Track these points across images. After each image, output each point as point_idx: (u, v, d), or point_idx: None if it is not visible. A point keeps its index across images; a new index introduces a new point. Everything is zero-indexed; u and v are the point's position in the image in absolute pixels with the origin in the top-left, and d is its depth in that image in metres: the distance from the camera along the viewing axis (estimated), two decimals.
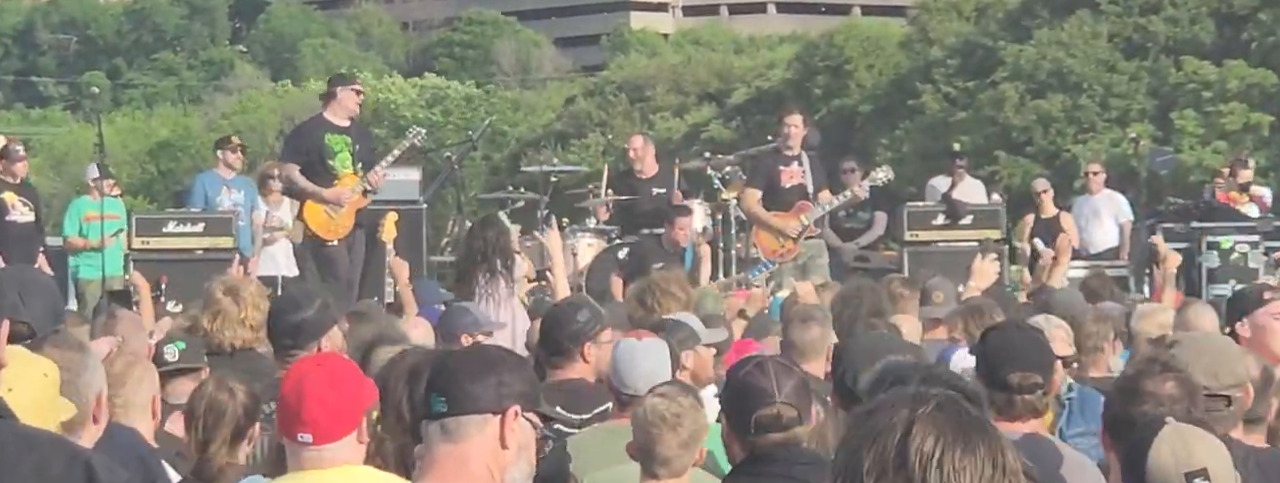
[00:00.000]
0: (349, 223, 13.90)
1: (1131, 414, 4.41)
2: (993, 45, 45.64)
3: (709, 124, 51.20)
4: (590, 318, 6.91)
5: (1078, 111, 43.57)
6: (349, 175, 13.92)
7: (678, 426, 5.14)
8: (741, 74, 56.09)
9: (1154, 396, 4.46)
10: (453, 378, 3.79)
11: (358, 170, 13.94)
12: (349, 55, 78.35)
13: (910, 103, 46.15)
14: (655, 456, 5.15)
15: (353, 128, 14.18)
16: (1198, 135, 41.41)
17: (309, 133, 14.20)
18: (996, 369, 5.15)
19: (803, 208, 14.88)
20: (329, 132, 13.96)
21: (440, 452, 3.76)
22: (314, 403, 4.05)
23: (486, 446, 3.77)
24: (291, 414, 4.18)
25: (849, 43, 49.35)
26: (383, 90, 62.57)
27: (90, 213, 16.15)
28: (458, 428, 3.75)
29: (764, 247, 14.93)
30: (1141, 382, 4.49)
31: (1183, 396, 4.49)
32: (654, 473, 5.21)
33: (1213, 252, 15.87)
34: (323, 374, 4.13)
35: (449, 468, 3.75)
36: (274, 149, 55.31)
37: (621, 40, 79.60)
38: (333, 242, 13.89)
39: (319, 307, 6.70)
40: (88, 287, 15.88)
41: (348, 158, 13.97)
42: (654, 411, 5.19)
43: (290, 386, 4.21)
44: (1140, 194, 18.23)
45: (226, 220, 15.08)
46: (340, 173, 13.89)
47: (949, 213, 15.85)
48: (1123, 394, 4.49)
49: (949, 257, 15.37)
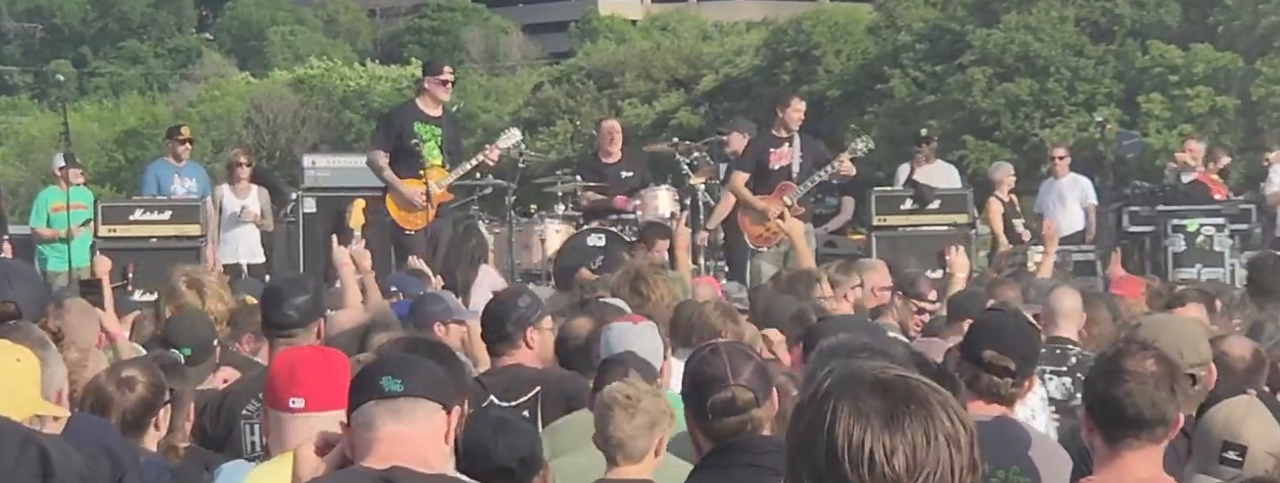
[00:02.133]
0: (431, 216, 13.93)
1: (1116, 395, 4.42)
2: (960, 30, 45.71)
3: (677, 111, 51.18)
4: (531, 303, 7.00)
5: (1045, 96, 43.68)
6: (435, 167, 13.97)
7: (634, 409, 5.14)
8: (710, 60, 56.07)
9: (1135, 374, 4.46)
10: (409, 363, 3.72)
11: (444, 162, 14.00)
12: (317, 43, 78.11)
13: (878, 88, 46.21)
14: (611, 439, 5.15)
15: (443, 118, 14.23)
16: (1164, 119, 41.55)
17: (399, 120, 14.30)
18: (975, 344, 5.22)
19: (785, 189, 14.85)
20: (419, 121, 14.04)
21: (387, 432, 3.67)
22: (307, 372, 4.04)
23: (434, 434, 3.71)
24: (283, 383, 4.17)
25: (817, 28, 49.38)
26: (355, 78, 62.42)
27: (57, 204, 16.09)
28: (410, 410, 3.68)
29: (748, 232, 14.91)
30: (1122, 361, 4.49)
31: (1164, 373, 4.48)
32: (612, 458, 5.22)
33: (1179, 235, 15.93)
34: (316, 353, 4.12)
35: (396, 449, 3.67)
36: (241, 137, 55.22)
37: (590, 27, 79.51)
38: (410, 232, 13.94)
39: (313, 292, 6.69)
40: (55, 278, 15.82)
41: (436, 148, 14.03)
42: (611, 394, 5.21)
43: (281, 361, 4.22)
44: (1107, 178, 18.28)
45: (194, 208, 15.05)
46: (428, 163, 13.93)
47: (916, 198, 15.86)
48: (1104, 375, 4.49)
49: (917, 242, 15.40)
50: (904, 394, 2.66)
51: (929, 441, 2.62)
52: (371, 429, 3.68)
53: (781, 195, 14.83)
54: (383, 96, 59.35)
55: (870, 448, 2.61)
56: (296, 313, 6.54)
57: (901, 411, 2.64)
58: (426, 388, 3.72)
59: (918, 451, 2.62)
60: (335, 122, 57.55)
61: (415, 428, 3.69)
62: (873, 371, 2.70)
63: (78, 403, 5.73)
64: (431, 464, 3.68)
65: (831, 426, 2.63)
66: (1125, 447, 4.40)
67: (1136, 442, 4.40)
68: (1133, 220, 16.35)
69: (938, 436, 2.63)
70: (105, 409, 5.64)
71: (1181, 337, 5.33)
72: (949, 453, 2.63)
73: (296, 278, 7.28)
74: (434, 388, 3.73)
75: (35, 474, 3.59)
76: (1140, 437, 4.40)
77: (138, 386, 5.71)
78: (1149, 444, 4.41)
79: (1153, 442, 4.41)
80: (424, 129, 13.99)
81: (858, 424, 2.62)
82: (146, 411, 5.71)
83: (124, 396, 5.67)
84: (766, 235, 14.84)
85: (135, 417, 5.69)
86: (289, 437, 4.21)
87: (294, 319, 6.52)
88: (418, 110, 14.15)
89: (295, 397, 4.15)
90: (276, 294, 6.70)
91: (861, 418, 2.63)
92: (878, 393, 2.66)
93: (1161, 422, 4.41)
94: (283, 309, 6.57)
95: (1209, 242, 15.77)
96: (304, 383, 4.09)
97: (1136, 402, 4.40)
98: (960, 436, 2.65)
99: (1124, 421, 4.40)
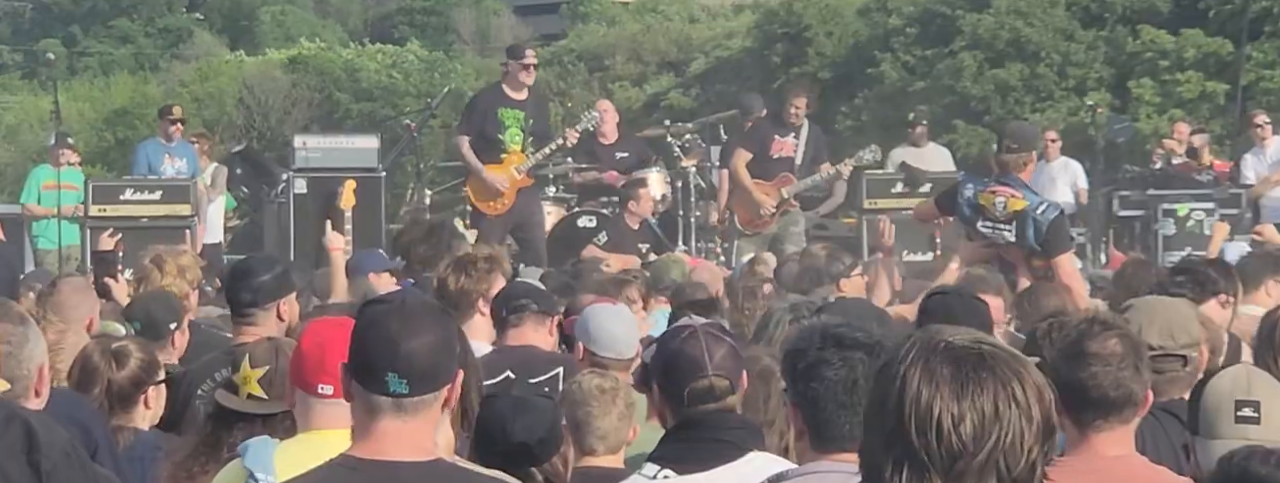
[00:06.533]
0: (510, 199, 14.03)
1: (1081, 378, 4.41)
2: (951, 14, 45.67)
3: (668, 93, 51.12)
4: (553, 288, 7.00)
5: (1036, 80, 43.67)
6: (516, 152, 14.06)
7: (614, 399, 5.16)
8: (701, 43, 55.98)
9: (1099, 356, 4.45)
10: (413, 359, 3.62)
11: (527, 146, 14.08)
12: (308, 23, 77.93)
13: (869, 71, 46.17)
14: (593, 430, 5.16)
15: (529, 101, 14.34)
16: (1155, 104, 41.56)
17: (483, 106, 14.40)
18: None
19: (784, 181, 14.94)
20: (502, 106, 14.14)
21: (389, 425, 3.64)
22: (337, 357, 3.91)
23: (433, 416, 3.69)
24: (314, 365, 4.13)
25: (808, 11, 49.28)
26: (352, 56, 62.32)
27: (48, 182, 16.09)
28: (414, 407, 3.65)
29: (740, 216, 14.98)
30: (1085, 344, 4.48)
31: (1128, 352, 4.47)
32: (592, 448, 5.23)
33: (1169, 219, 15.95)
34: (344, 333, 4.03)
35: (395, 441, 3.65)
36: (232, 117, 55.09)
37: (581, 9, 79.35)
38: (491, 216, 14.07)
39: (278, 273, 6.68)
40: (46, 257, 15.83)
41: (518, 134, 14.14)
42: (589, 386, 5.21)
43: (311, 339, 4.17)
44: (1097, 162, 18.30)
45: (184, 188, 15.05)
46: (509, 148, 14.03)
47: (907, 181, 15.89)
48: (1068, 359, 4.47)
49: (908, 225, 15.41)
50: (976, 362, 2.62)
51: (999, 409, 2.59)
52: (372, 417, 3.66)
53: (780, 187, 14.91)
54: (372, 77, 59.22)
55: (939, 415, 2.59)
56: (250, 294, 6.47)
57: (972, 378, 2.60)
58: (431, 385, 3.66)
59: (986, 419, 2.58)
60: (326, 102, 57.43)
61: (419, 419, 3.66)
62: (949, 336, 2.66)
63: (68, 376, 5.74)
64: (428, 450, 3.68)
65: (902, 391, 2.61)
66: (1093, 429, 4.41)
67: (1104, 424, 4.41)
68: (1123, 204, 16.38)
69: (1010, 404, 2.59)
70: (89, 381, 5.63)
71: (1172, 318, 5.34)
72: (1020, 423, 2.59)
73: (263, 258, 7.26)
74: (438, 378, 3.67)
75: (20, 450, 3.58)
76: (1108, 418, 4.40)
77: (129, 361, 5.70)
78: (1118, 425, 4.42)
79: (1122, 422, 4.42)
80: (507, 114, 14.18)
81: (927, 390, 2.60)
82: (137, 387, 5.70)
83: (114, 370, 5.66)
84: (758, 221, 14.90)
85: (124, 393, 5.68)
86: (315, 420, 4.20)
87: (247, 300, 6.46)
88: (503, 94, 14.31)
89: (324, 384, 4.12)
90: (239, 274, 6.67)
91: (931, 384, 2.60)
92: (950, 360, 2.62)
93: (1129, 402, 4.42)
94: (239, 290, 6.54)
95: (1199, 226, 15.79)
96: (334, 370, 4.03)
97: (1101, 383, 4.40)
98: (1033, 406, 2.61)
99: (1090, 403, 4.40)
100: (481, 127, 14.20)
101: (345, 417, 3.85)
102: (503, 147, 14.11)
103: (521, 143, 14.23)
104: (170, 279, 7.81)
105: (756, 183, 14.93)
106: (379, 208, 15.67)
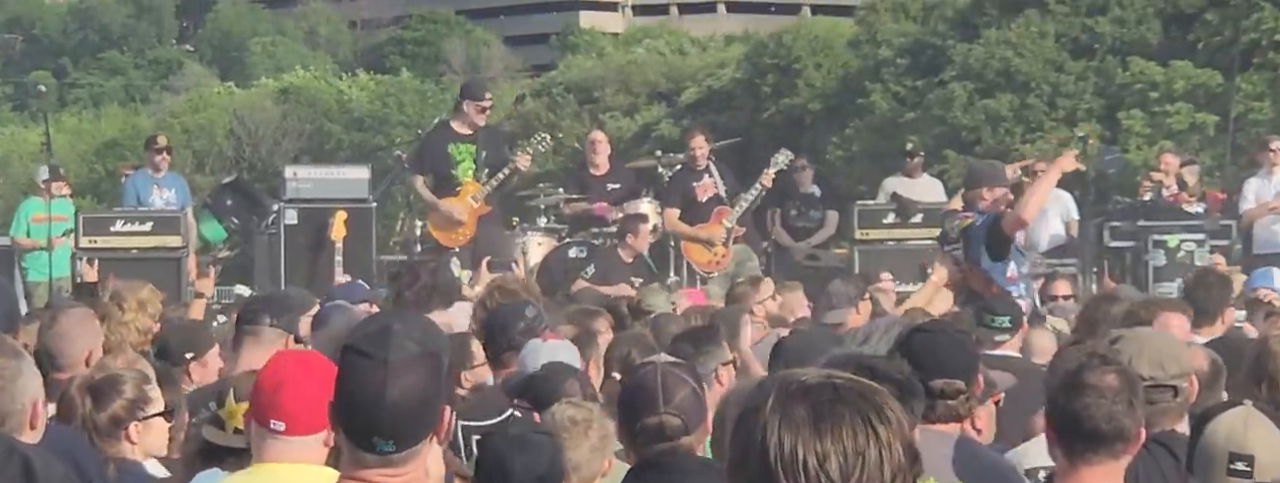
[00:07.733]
0: (471, 228, 14.23)
1: (1075, 408, 4.44)
2: (941, 45, 45.76)
3: (659, 123, 51.16)
4: (537, 315, 6.96)
5: (1026, 111, 43.73)
6: (470, 183, 14.30)
7: (588, 431, 5.11)
8: (691, 73, 56.05)
9: (1095, 388, 4.47)
10: (400, 421, 3.51)
11: (481, 177, 14.30)
12: (298, 54, 77.99)
13: (859, 102, 46.22)
14: (568, 460, 5.11)
15: (479, 133, 14.54)
16: (1145, 135, 41.62)
17: (432, 145, 14.68)
18: (920, 374, 5.06)
19: (721, 213, 15.37)
20: (452, 141, 14.42)
21: (378, 475, 3.55)
22: (291, 393, 3.96)
23: (422, 459, 3.62)
24: (267, 401, 4.13)
25: (798, 42, 49.38)
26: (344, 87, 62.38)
27: (38, 214, 16.06)
28: (403, 459, 3.56)
29: (695, 260, 15.33)
30: (1083, 376, 4.50)
31: (1124, 388, 4.50)
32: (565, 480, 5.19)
33: (1159, 250, 15.95)
34: (303, 368, 4.06)
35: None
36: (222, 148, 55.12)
37: (571, 40, 79.49)
38: (453, 248, 14.22)
39: None
40: (36, 288, 15.79)
41: (470, 167, 14.44)
42: (562, 417, 5.17)
43: (269, 373, 4.16)
44: (1088, 193, 18.31)
45: (175, 219, 15.04)
46: (462, 181, 14.27)
47: (899, 212, 15.92)
48: (1065, 389, 4.50)
49: (900, 255, 15.43)
50: (831, 398, 2.59)
51: (858, 442, 2.56)
52: (359, 466, 3.57)
53: (720, 219, 15.33)
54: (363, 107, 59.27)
55: (803, 456, 2.55)
56: None
57: (829, 414, 2.57)
58: (417, 439, 3.56)
59: (849, 454, 2.56)
60: (317, 133, 57.43)
61: (406, 468, 3.58)
62: (802, 377, 2.63)
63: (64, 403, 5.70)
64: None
65: (764, 436, 2.57)
66: (1083, 462, 4.43)
67: (1095, 457, 4.43)
68: (1114, 235, 16.38)
69: (869, 437, 2.56)
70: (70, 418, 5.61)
71: (1162, 349, 5.33)
72: (883, 453, 2.57)
73: None
74: (423, 431, 3.57)
75: None
76: (1099, 452, 4.42)
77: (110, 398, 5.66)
78: (1108, 459, 4.43)
79: (1112, 457, 4.44)
80: (458, 149, 14.42)
81: (789, 436, 2.56)
82: (116, 424, 5.66)
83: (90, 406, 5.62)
84: (715, 261, 15.28)
85: (104, 429, 5.64)
86: (266, 453, 4.17)
87: None
88: (451, 131, 14.63)
89: (277, 419, 4.11)
90: None
91: (792, 426, 2.56)
92: (805, 399, 2.59)
93: (1120, 436, 4.43)
94: None
95: (1190, 256, 15.79)
96: (286, 407, 4.03)
97: (1094, 415, 4.42)
98: (891, 438, 2.58)
99: (1082, 434, 4.43)
100: (434, 165, 14.50)
101: (296, 452, 3.90)
102: (456, 181, 14.39)
103: (475, 174, 14.46)
104: (132, 315, 7.76)
105: (698, 227, 15.34)
106: (370, 238, 15.66)
